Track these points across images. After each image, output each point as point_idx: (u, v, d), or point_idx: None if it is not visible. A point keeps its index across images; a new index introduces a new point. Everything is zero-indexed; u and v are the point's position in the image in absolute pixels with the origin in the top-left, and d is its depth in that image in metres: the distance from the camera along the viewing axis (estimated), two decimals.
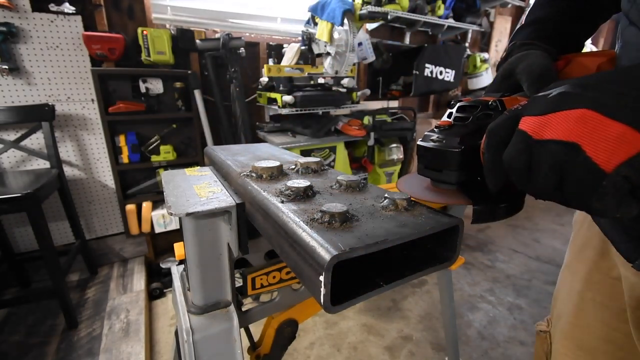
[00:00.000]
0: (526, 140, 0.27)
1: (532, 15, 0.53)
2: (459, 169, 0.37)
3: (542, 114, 0.27)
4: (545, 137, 0.26)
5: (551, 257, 2.45)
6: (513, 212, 0.37)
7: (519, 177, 0.29)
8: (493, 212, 0.36)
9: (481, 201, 0.36)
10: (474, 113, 0.39)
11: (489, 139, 0.32)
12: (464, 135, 0.37)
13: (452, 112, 0.41)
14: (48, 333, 1.52)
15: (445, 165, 0.38)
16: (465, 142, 0.36)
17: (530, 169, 0.28)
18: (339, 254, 0.30)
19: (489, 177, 0.33)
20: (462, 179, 0.38)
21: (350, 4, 1.97)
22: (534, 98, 0.29)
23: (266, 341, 0.74)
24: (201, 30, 2.09)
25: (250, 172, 0.54)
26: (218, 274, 0.54)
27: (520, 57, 0.43)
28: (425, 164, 0.41)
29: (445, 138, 0.38)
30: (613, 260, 0.52)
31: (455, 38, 3.19)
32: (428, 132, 0.41)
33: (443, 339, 1.63)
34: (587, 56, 0.45)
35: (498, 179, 0.33)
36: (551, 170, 0.26)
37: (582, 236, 0.60)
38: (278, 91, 1.95)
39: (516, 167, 0.29)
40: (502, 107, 0.38)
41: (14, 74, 1.66)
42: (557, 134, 0.25)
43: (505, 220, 0.39)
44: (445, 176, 0.39)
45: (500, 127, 0.31)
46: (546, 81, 0.37)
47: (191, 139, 2.17)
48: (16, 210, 1.36)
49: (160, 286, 1.92)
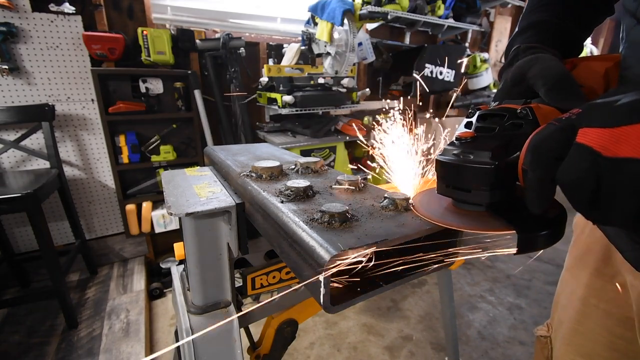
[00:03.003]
0: (593, 157, 0.23)
1: (527, 19, 0.51)
2: (492, 188, 0.32)
3: (612, 126, 0.23)
4: (621, 155, 0.22)
5: (551, 257, 2.44)
6: (556, 239, 0.32)
7: (582, 202, 0.25)
8: (536, 240, 0.31)
9: (524, 227, 0.30)
10: (501, 123, 0.34)
11: (535, 154, 0.27)
12: (495, 148, 0.31)
13: (472, 122, 0.36)
14: (48, 333, 1.52)
15: (475, 185, 0.33)
16: (497, 156, 0.31)
17: (600, 192, 0.23)
18: (338, 254, 0.30)
19: (533, 199, 0.29)
20: (495, 199, 0.32)
21: (350, 4, 1.97)
22: (593, 106, 0.25)
23: (266, 341, 0.74)
24: (201, 30, 2.09)
25: (250, 172, 0.54)
26: (218, 274, 0.54)
27: (530, 60, 0.39)
28: (448, 182, 0.35)
29: (472, 152, 0.32)
30: (617, 266, 0.51)
31: (455, 38, 3.18)
32: (448, 146, 0.35)
33: (443, 339, 1.63)
34: (594, 60, 0.43)
35: (544, 201, 0.29)
36: (633, 196, 0.22)
37: (583, 241, 0.59)
38: (278, 91, 1.95)
39: (580, 190, 0.24)
40: (532, 115, 0.33)
41: (14, 74, 1.66)
42: (638, 151, 0.21)
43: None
44: (474, 197, 0.33)
45: (549, 140, 0.27)
46: (565, 86, 0.34)
47: (191, 139, 2.17)
48: (16, 210, 1.36)
49: (160, 286, 1.92)
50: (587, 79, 0.41)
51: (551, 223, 0.31)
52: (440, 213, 0.37)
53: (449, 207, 0.37)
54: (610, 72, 0.40)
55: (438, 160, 0.35)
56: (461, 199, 0.35)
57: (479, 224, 0.33)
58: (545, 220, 0.32)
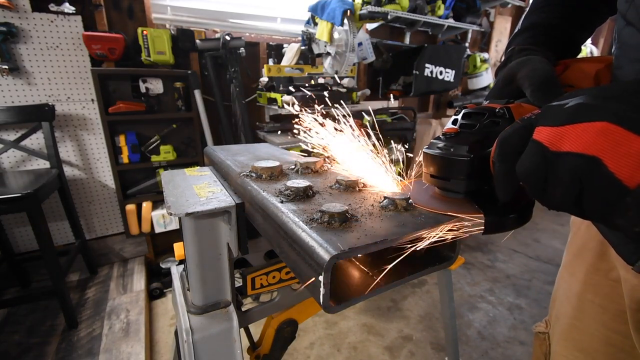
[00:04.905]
0: (542, 151, 0.27)
1: (528, 20, 0.53)
2: (468, 178, 0.36)
3: (559, 124, 0.26)
4: (563, 149, 0.25)
5: (551, 257, 2.45)
6: (522, 222, 0.36)
7: (534, 189, 0.28)
8: (503, 223, 0.36)
9: (491, 211, 0.35)
10: (481, 120, 0.38)
11: (501, 148, 0.31)
12: (472, 143, 0.36)
13: (458, 119, 0.40)
14: (48, 333, 1.52)
15: (454, 174, 0.37)
16: (474, 150, 0.35)
17: (547, 181, 0.27)
18: (338, 254, 0.30)
19: (499, 188, 0.33)
20: (471, 188, 0.37)
21: (350, 4, 1.97)
22: (549, 107, 0.28)
23: (266, 341, 0.74)
24: (201, 30, 2.09)
25: (250, 172, 0.54)
26: (218, 274, 0.54)
27: (521, 62, 0.42)
28: (431, 172, 0.40)
29: (453, 146, 0.37)
30: (612, 262, 0.52)
31: (455, 38, 3.18)
32: (434, 140, 0.40)
33: (443, 339, 1.63)
34: (585, 62, 0.44)
35: (509, 190, 0.32)
36: (570, 183, 0.25)
37: (580, 238, 0.60)
38: (278, 91, 1.95)
39: (532, 179, 0.28)
40: (509, 114, 0.37)
41: (14, 74, 1.66)
42: (576, 146, 0.25)
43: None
44: (453, 185, 0.38)
45: (512, 136, 0.30)
46: (549, 88, 0.37)
47: (191, 139, 2.17)
48: (16, 210, 1.36)
49: (160, 286, 1.92)
50: (578, 80, 0.43)
51: (518, 209, 0.36)
52: (426, 200, 0.42)
53: (434, 194, 0.43)
54: (600, 73, 0.42)
55: (424, 152, 0.40)
56: (442, 187, 0.40)
57: (456, 209, 0.38)
58: (514, 207, 0.36)
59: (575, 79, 0.43)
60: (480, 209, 0.36)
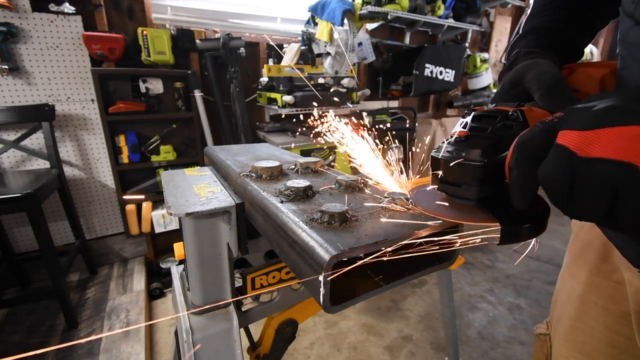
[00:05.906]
0: (569, 157, 0.25)
1: (530, 23, 0.52)
2: (481, 184, 0.34)
3: (587, 128, 0.24)
4: (594, 155, 0.23)
5: (551, 257, 2.44)
6: (538, 232, 0.34)
7: (558, 197, 0.26)
8: (519, 232, 0.33)
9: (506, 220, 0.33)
10: (493, 124, 0.36)
11: (520, 152, 0.29)
12: (485, 147, 0.34)
13: (467, 122, 0.38)
14: (48, 333, 1.52)
15: (465, 180, 0.35)
16: (487, 155, 0.33)
17: (574, 189, 0.25)
18: (338, 254, 0.30)
19: (517, 195, 0.31)
20: (484, 195, 0.35)
21: (350, 4, 1.97)
22: (573, 110, 0.27)
23: (266, 341, 0.74)
24: (201, 30, 2.09)
25: (250, 172, 0.54)
26: (218, 274, 0.54)
27: (527, 65, 0.41)
28: (441, 177, 0.37)
29: (465, 150, 0.35)
30: (615, 263, 0.52)
31: (455, 38, 3.18)
32: (443, 144, 0.38)
33: (443, 339, 1.63)
34: (591, 66, 0.44)
35: (527, 198, 0.30)
36: (602, 192, 0.23)
37: (582, 239, 0.60)
38: (278, 91, 1.95)
39: (556, 186, 0.26)
40: (523, 118, 0.35)
41: (14, 74, 1.66)
42: (608, 152, 0.23)
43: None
44: (464, 191, 0.36)
45: (532, 140, 0.28)
46: (558, 91, 0.36)
47: (191, 139, 2.17)
48: (16, 210, 1.36)
49: (160, 286, 1.92)
50: (583, 85, 0.43)
51: (534, 218, 0.34)
52: (435, 206, 0.39)
53: (442, 201, 0.40)
54: (606, 78, 0.42)
55: (433, 157, 0.38)
56: (453, 193, 0.38)
57: (467, 217, 0.35)
58: (529, 215, 0.34)
59: (581, 83, 0.43)
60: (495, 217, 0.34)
